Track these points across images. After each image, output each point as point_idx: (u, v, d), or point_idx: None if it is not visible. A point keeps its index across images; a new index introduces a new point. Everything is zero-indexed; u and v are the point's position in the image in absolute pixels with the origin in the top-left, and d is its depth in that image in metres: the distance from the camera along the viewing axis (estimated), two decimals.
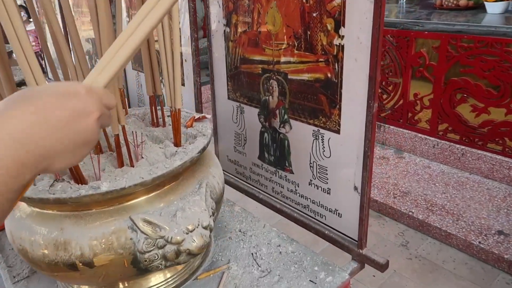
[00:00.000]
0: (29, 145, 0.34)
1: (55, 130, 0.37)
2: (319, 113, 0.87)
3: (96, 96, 0.42)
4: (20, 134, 0.34)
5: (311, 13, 0.82)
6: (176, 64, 0.77)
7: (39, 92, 0.38)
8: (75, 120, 0.38)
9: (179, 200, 0.72)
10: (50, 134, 0.36)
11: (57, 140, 0.37)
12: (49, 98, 0.38)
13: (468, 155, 2.50)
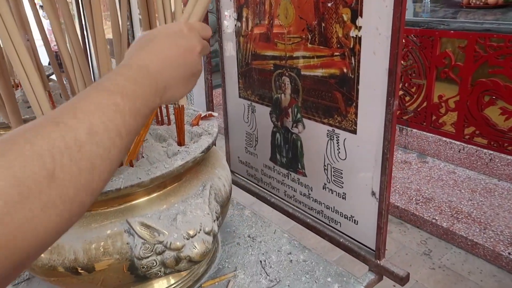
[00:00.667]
0: (158, 77, 0.44)
1: (172, 65, 0.46)
2: (334, 111, 0.81)
3: (196, 31, 0.51)
4: (152, 69, 0.43)
5: (326, 3, 0.76)
6: None
7: (156, 36, 0.47)
8: (184, 56, 0.48)
9: (180, 202, 0.67)
10: (169, 69, 0.46)
11: (174, 73, 0.46)
12: (164, 40, 0.47)
13: (497, 160, 2.37)
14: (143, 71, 0.42)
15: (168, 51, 0.46)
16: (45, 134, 0.31)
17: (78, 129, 0.33)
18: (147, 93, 0.41)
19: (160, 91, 0.44)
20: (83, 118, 0.34)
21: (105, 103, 0.36)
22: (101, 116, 0.35)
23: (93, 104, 0.36)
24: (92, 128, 0.34)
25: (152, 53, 0.45)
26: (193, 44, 0.49)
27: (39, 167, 0.30)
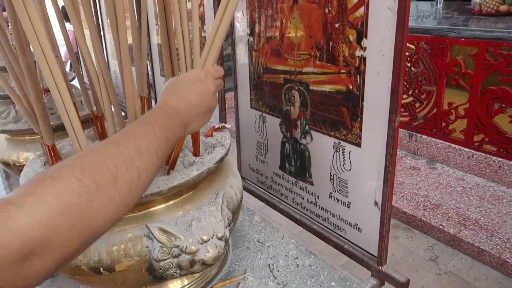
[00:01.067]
0: (183, 115, 0.58)
1: (193, 106, 0.60)
2: (340, 125, 0.86)
3: (210, 75, 0.64)
4: (179, 109, 0.58)
5: (334, 24, 0.80)
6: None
7: (180, 82, 0.62)
8: (202, 97, 0.62)
9: (195, 210, 0.73)
10: (191, 108, 0.60)
11: (195, 111, 0.60)
12: (186, 86, 0.61)
13: (506, 168, 2.38)
14: (172, 111, 0.57)
15: (190, 94, 0.61)
16: (110, 151, 0.46)
17: (130, 150, 0.47)
18: (176, 127, 0.56)
19: (184, 125, 0.59)
20: (133, 142, 0.48)
21: (147, 132, 0.51)
22: (144, 141, 0.49)
23: (139, 133, 0.50)
24: (139, 149, 0.48)
25: (179, 97, 0.60)
26: (208, 87, 0.63)
27: (107, 172, 0.43)
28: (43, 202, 0.37)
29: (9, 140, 1.23)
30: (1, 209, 0.35)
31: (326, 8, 0.80)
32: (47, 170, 0.42)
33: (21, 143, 1.20)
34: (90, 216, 0.40)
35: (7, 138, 1.24)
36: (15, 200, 0.36)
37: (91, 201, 0.40)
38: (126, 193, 0.45)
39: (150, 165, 0.49)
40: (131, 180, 0.45)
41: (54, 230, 0.37)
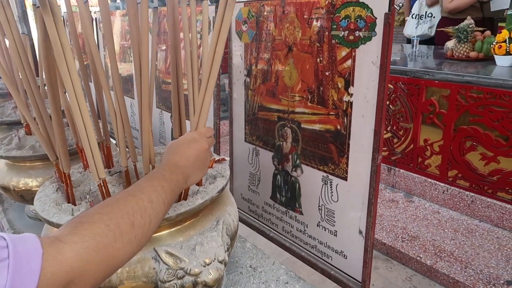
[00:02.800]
0: (184, 170, 0.70)
1: (191, 162, 0.72)
2: (328, 160, 0.95)
3: (203, 135, 0.77)
4: (180, 166, 0.70)
5: (324, 72, 0.92)
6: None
7: (180, 144, 0.74)
8: (198, 154, 0.73)
9: (198, 235, 0.80)
10: (190, 164, 0.72)
11: (193, 166, 0.72)
12: (185, 146, 0.73)
13: (478, 202, 2.52)
14: (175, 167, 0.69)
15: (188, 153, 0.73)
16: (128, 202, 0.57)
17: (144, 200, 0.58)
18: (179, 180, 0.67)
19: (185, 178, 0.70)
20: (146, 194, 0.59)
21: (156, 185, 0.62)
22: (154, 192, 0.61)
23: (150, 186, 0.62)
24: (150, 199, 0.59)
25: (179, 156, 0.72)
26: (202, 146, 0.75)
27: (127, 219, 0.54)
28: (82, 241, 0.47)
29: (9, 166, 1.28)
30: (52, 244, 0.45)
31: (318, 58, 0.92)
32: (83, 214, 0.53)
33: (22, 169, 1.25)
34: (114, 254, 0.51)
35: (8, 164, 1.29)
36: (61, 238, 0.47)
37: (115, 242, 0.51)
38: (140, 235, 0.56)
39: (159, 212, 0.60)
40: (144, 224, 0.57)
41: (89, 263, 0.47)
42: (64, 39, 0.63)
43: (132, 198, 0.57)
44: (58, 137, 0.77)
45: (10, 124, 1.67)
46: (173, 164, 0.70)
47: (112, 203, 0.56)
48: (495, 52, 2.65)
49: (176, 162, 0.70)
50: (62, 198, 0.84)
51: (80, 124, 0.68)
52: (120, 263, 0.53)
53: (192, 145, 0.74)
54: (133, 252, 0.55)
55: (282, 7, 0.99)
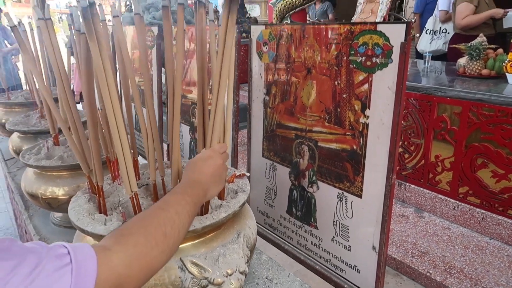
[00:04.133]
0: (203, 185, 0.77)
1: (209, 177, 0.79)
2: (344, 178, 1.00)
3: (217, 152, 0.84)
4: (200, 181, 0.77)
5: (342, 94, 0.97)
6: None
7: (198, 161, 0.81)
8: (214, 170, 0.80)
9: (221, 247, 0.85)
10: (208, 179, 0.78)
11: (211, 181, 0.79)
12: (202, 163, 0.80)
13: (489, 219, 2.52)
14: (195, 183, 0.76)
15: (205, 169, 0.80)
16: (160, 215, 0.64)
17: (172, 213, 0.65)
18: (199, 194, 0.75)
19: (205, 192, 0.77)
20: (173, 207, 0.66)
21: (181, 199, 0.69)
22: (180, 206, 0.67)
23: (176, 200, 0.69)
24: (177, 211, 0.66)
25: (198, 173, 0.79)
26: (217, 162, 0.82)
27: (161, 231, 0.61)
28: (126, 250, 0.54)
29: (38, 174, 1.34)
30: (102, 253, 0.51)
31: (336, 81, 0.97)
32: (123, 226, 0.61)
33: (49, 178, 1.32)
34: (151, 262, 0.58)
35: (36, 172, 1.35)
36: (109, 247, 0.53)
37: (152, 251, 0.58)
38: (171, 244, 0.63)
39: (185, 223, 0.68)
40: (174, 234, 0.63)
41: (132, 270, 0.54)
42: (106, 63, 0.69)
43: (162, 212, 0.64)
44: (94, 151, 0.83)
45: (35, 134, 1.75)
46: (193, 180, 0.77)
47: (146, 216, 0.63)
48: (507, 70, 2.68)
49: (195, 178, 0.77)
50: (94, 208, 0.90)
51: (117, 141, 0.74)
52: (156, 270, 0.59)
53: (208, 162, 0.81)
54: (166, 260, 0.62)
55: (302, 32, 1.04)
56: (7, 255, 0.42)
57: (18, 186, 1.80)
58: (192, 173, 0.79)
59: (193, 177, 0.77)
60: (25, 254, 0.43)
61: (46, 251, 0.45)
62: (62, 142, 1.44)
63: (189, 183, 0.76)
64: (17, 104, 2.20)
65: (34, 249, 0.44)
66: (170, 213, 0.64)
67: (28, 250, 0.44)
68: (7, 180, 2.23)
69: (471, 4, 3.46)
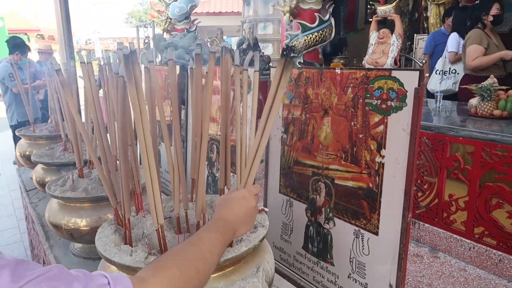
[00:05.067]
0: (234, 225, 0.80)
1: (240, 218, 0.82)
2: (360, 215, 1.03)
3: (252, 193, 0.87)
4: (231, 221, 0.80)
5: (358, 134, 1.01)
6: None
7: (232, 200, 0.84)
8: (247, 211, 0.83)
9: (241, 280, 0.87)
10: (239, 220, 0.82)
11: (241, 222, 0.82)
12: (235, 203, 0.83)
13: (506, 261, 2.47)
14: (226, 222, 0.79)
15: (238, 210, 0.82)
16: (194, 251, 0.67)
17: (205, 250, 0.69)
18: (230, 233, 0.78)
19: (234, 232, 0.80)
20: (206, 244, 0.70)
21: (213, 238, 0.73)
22: (211, 244, 0.71)
23: (208, 238, 0.72)
24: (210, 249, 0.70)
25: (230, 212, 0.82)
26: (251, 203, 0.85)
27: (194, 267, 0.64)
28: (162, 283, 0.58)
29: (61, 205, 1.40)
30: (139, 285, 0.55)
31: (352, 121, 1.02)
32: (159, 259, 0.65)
33: (73, 209, 1.37)
34: None
35: (60, 203, 1.40)
36: (146, 278, 0.57)
37: (185, 285, 0.61)
38: (202, 280, 0.66)
39: (215, 261, 0.71)
40: (205, 271, 0.67)
41: None
42: (142, 104, 0.76)
43: (196, 248, 0.68)
44: (124, 184, 0.88)
45: (59, 166, 1.82)
46: (226, 219, 0.80)
47: (181, 252, 0.66)
48: None
49: (228, 218, 0.81)
50: (119, 239, 0.94)
51: (147, 176, 0.79)
52: None
53: (242, 203, 0.84)
54: None
55: (320, 75, 1.11)
56: (56, 283, 0.46)
57: (39, 217, 1.86)
58: (224, 211, 0.82)
59: (225, 215, 0.81)
60: (72, 282, 0.47)
61: (90, 280, 0.49)
62: (86, 174, 1.50)
63: (222, 221, 0.79)
64: (42, 137, 2.29)
65: (79, 277, 0.48)
66: (203, 250, 0.68)
67: (74, 278, 0.48)
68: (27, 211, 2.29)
69: (481, 46, 3.55)
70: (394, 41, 4.13)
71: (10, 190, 4.85)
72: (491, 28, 3.64)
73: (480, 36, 3.55)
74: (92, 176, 1.47)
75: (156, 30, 8.74)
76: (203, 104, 0.84)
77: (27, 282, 0.44)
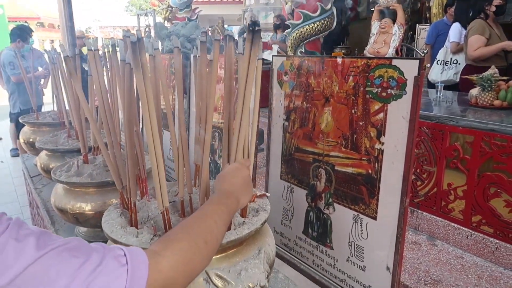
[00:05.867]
0: (235, 194, 0.83)
1: (239, 187, 0.86)
2: (359, 200, 1.06)
3: (244, 164, 0.91)
4: (232, 191, 0.83)
5: (358, 122, 1.04)
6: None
7: (227, 174, 0.88)
8: (243, 180, 0.88)
9: (243, 261, 0.90)
10: (238, 189, 0.85)
11: (241, 190, 0.86)
12: (231, 175, 0.87)
13: (502, 249, 2.51)
14: (228, 193, 0.83)
15: (235, 180, 0.87)
16: (201, 224, 0.70)
17: (211, 222, 0.71)
18: (233, 202, 0.82)
19: (237, 201, 0.84)
20: (211, 216, 0.73)
21: (217, 209, 0.76)
22: (216, 215, 0.74)
23: (212, 210, 0.75)
24: (215, 221, 0.72)
25: (229, 183, 0.86)
26: (244, 172, 0.90)
27: (202, 239, 0.67)
28: (174, 255, 0.60)
29: (67, 190, 1.42)
30: (153, 257, 0.57)
31: (353, 109, 1.04)
32: (170, 233, 0.67)
33: (78, 194, 1.40)
34: (194, 266, 0.64)
35: (65, 188, 1.43)
36: (159, 251, 0.59)
37: (195, 256, 0.64)
38: (211, 251, 0.69)
39: (222, 231, 0.74)
40: (213, 241, 0.69)
41: (178, 273, 0.59)
42: (149, 91, 0.78)
43: (202, 221, 0.71)
44: (131, 169, 0.91)
45: (63, 152, 1.85)
46: (226, 191, 0.84)
47: (189, 225, 0.69)
48: None
49: (227, 189, 0.84)
50: (125, 222, 0.97)
51: (153, 160, 0.82)
52: (196, 274, 0.65)
53: (237, 173, 0.88)
54: (205, 265, 0.68)
55: (322, 64, 1.13)
56: (77, 253, 0.48)
57: (44, 202, 1.89)
58: (223, 184, 0.85)
59: (225, 188, 0.84)
60: (91, 253, 0.50)
61: (107, 252, 0.51)
62: (90, 160, 1.52)
63: (223, 194, 0.82)
64: (45, 124, 2.31)
65: (97, 249, 0.51)
66: (209, 222, 0.70)
67: (93, 249, 0.51)
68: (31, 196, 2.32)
69: (483, 36, 3.54)
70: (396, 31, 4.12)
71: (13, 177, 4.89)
72: (494, 18, 3.63)
73: (483, 26, 3.54)
74: (97, 162, 1.49)
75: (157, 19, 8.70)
76: (207, 92, 0.86)
77: (50, 250, 0.47)
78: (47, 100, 2.68)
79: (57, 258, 0.48)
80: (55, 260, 0.47)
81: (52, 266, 0.47)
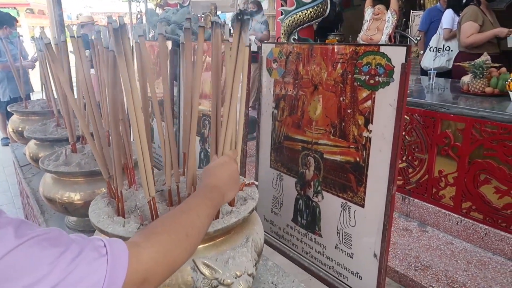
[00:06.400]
0: (221, 189, 0.82)
1: (225, 181, 0.85)
2: (347, 188, 1.06)
3: (231, 158, 0.91)
4: (217, 185, 0.82)
5: (346, 110, 1.03)
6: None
7: (213, 167, 0.87)
8: (230, 175, 0.86)
9: (231, 250, 0.91)
10: (224, 183, 0.84)
11: (227, 185, 0.85)
12: (218, 169, 0.86)
13: (491, 235, 2.55)
14: (213, 187, 0.82)
15: (222, 174, 0.85)
16: (182, 217, 0.70)
17: (193, 215, 0.71)
18: (218, 197, 0.81)
19: (223, 195, 0.83)
20: (194, 210, 0.72)
21: (201, 203, 0.75)
22: (201, 209, 0.73)
23: (196, 203, 0.75)
24: (198, 214, 0.72)
25: (215, 178, 0.84)
26: (231, 166, 0.88)
27: (183, 231, 0.67)
28: (154, 247, 0.60)
29: (55, 180, 1.41)
30: (133, 248, 0.57)
31: (341, 97, 1.04)
32: (150, 226, 0.67)
33: (66, 183, 1.38)
34: (175, 258, 0.63)
35: (54, 178, 1.42)
36: (139, 243, 0.59)
37: (176, 249, 0.64)
38: (192, 244, 0.68)
39: (205, 224, 0.73)
40: (194, 235, 0.69)
41: (158, 265, 0.59)
42: (132, 78, 0.76)
43: (184, 214, 0.71)
44: (116, 158, 0.90)
45: (52, 141, 1.83)
46: (212, 185, 0.82)
47: (171, 218, 0.69)
48: (510, 88, 2.73)
49: (213, 183, 0.83)
50: (112, 212, 0.96)
51: (139, 149, 0.81)
52: (178, 267, 0.65)
53: (224, 167, 0.87)
54: (186, 258, 0.67)
55: (310, 51, 1.11)
56: (56, 243, 0.48)
57: (33, 191, 1.88)
58: (210, 178, 0.84)
59: (211, 182, 0.83)
60: (70, 243, 0.49)
61: (87, 243, 0.51)
62: (79, 149, 1.51)
63: (208, 187, 0.81)
64: (34, 113, 2.29)
65: (77, 240, 0.51)
66: (191, 215, 0.70)
67: (72, 240, 0.50)
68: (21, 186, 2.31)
69: (476, 23, 3.53)
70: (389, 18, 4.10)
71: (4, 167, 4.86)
72: (487, 5, 3.62)
73: (476, 13, 3.53)
74: (85, 151, 1.48)
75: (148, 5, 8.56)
76: (193, 78, 0.85)
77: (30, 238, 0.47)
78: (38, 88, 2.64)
79: (37, 247, 0.47)
80: (34, 249, 0.47)
81: (32, 255, 0.46)
